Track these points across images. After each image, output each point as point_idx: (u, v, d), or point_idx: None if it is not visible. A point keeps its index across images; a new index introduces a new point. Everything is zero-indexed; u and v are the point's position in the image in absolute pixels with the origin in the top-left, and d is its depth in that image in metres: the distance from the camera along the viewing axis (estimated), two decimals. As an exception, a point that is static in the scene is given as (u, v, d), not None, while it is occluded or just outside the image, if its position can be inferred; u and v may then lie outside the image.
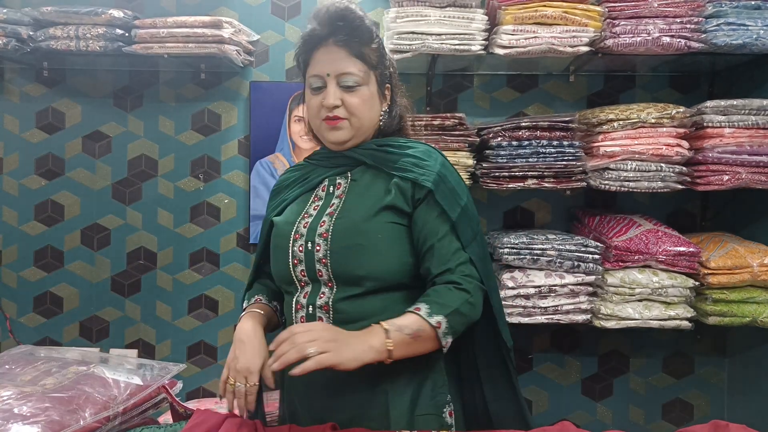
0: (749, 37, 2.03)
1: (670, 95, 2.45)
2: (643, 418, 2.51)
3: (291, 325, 1.22)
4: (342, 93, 1.23)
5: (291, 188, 1.37)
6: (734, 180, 2.06)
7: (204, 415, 1.11)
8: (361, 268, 1.19)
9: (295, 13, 2.50)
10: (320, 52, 1.25)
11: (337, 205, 1.25)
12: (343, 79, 1.23)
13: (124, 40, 2.23)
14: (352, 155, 1.30)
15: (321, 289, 1.22)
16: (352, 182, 1.29)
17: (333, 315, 1.20)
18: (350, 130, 1.26)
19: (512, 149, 2.13)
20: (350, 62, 1.23)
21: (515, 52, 2.08)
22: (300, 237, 1.24)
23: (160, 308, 2.55)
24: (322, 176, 1.33)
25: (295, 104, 2.47)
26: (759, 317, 2.07)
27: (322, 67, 1.24)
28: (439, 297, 1.16)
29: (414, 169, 1.23)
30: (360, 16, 1.25)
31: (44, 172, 2.55)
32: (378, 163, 1.27)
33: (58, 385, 1.09)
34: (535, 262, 2.11)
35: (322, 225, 1.23)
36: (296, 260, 1.24)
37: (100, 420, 1.04)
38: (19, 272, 2.56)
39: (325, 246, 1.20)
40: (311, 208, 1.29)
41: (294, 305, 1.25)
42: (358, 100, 1.24)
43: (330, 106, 1.23)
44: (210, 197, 2.54)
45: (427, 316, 1.12)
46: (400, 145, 1.29)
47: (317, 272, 1.21)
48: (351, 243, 1.19)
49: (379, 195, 1.24)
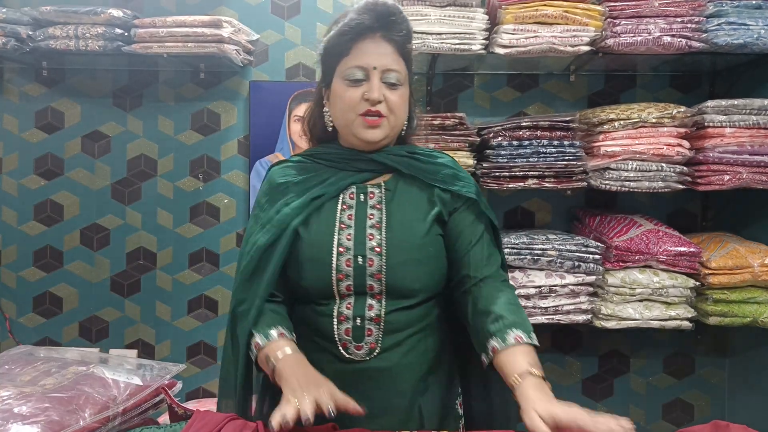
0: (750, 36, 2.03)
1: (671, 95, 2.45)
2: (644, 419, 2.51)
3: (322, 337, 1.19)
4: (384, 90, 1.18)
5: (300, 187, 1.25)
6: (735, 180, 2.06)
7: (204, 416, 1.10)
8: (418, 281, 1.19)
9: (295, 12, 2.50)
10: (366, 44, 1.18)
11: (379, 217, 1.21)
12: (387, 76, 1.18)
13: (123, 39, 2.22)
14: (383, 161, 1.24)
15: (368, 301, 1.19)
16: (387, 192, 1.24)
17: (384, 326, 1.18)
18: (386, 129, 1.21)
19: (513, 149, 2.13)
20: (396, 60, 1.20)
21: (516, 51, 2.07)
22: (346, 251, 1.18)
23: (160, 308, 2.54)
24: (345, 181, 1.24)
25: (295, 104, 2.46)
26: (760, 317, 2.07)
27: (368, 59, 1.18)
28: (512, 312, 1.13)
29: (456, 182, 1.24)
30: (406, 17, 1.21)
31: (43, 172, 2.54)
32: (415, 172, 1.24)
33: (57, 386, 1.09)
34: (535, 262, 2.10)
35: (371, 238, 1.18)
36: (342, 275, 1.18)
37: (100, 420, 1.04)
38: (19, 272, 2.55)
39: (380, 261, 1.17)
40: (345, 217, 1.21)
41: (336, 317, 1.19)
42: (399, 99, 1.20)
43: (375, 100, 1.17)
44: (209, 197, 2.53)
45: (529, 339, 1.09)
46: (428, 154, 1.28)
47: (368, 286, 1.18)
48: (408, 258, 1.18)
49: (423, 206, 1.23)
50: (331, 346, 1.19)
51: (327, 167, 1.27)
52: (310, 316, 1.23)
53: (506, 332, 1.08)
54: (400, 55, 1.21)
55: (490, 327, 1.11)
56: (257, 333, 1.14)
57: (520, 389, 1.00)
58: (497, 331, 1.09)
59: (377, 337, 1.18)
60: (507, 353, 1.06)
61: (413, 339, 1.21)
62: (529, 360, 1.04)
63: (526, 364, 1.03)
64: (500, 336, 1.08)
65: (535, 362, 1.05)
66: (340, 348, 1.19)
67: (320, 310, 1.21)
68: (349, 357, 1.18)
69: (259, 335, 1.14)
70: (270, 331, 1.14)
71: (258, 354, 1.13)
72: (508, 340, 1.07)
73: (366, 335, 1.18)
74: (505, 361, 1.06)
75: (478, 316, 1.15)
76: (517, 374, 1.02)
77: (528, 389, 0.99)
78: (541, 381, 1.01)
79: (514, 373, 1.03)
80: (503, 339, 1.07)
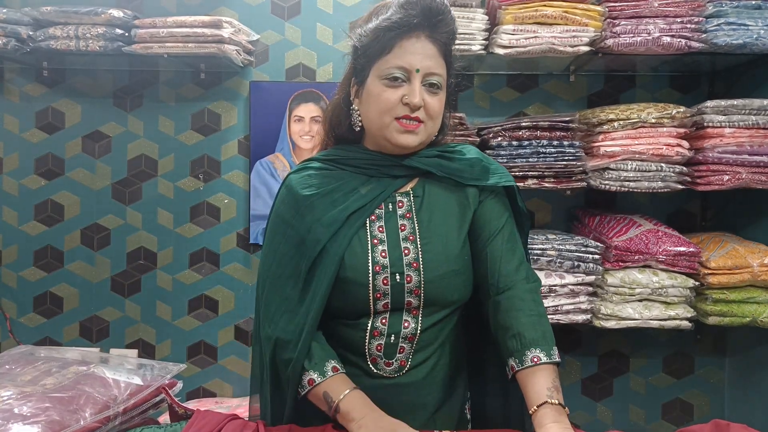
0: (750, 36, 2.03)
1: (671, 95, 2.45)
2: (644, 418, 2.51)
3: (350, 351, 1.16)
4: (425, 93, 1.11)
5: (329, 198, 1.16)
6: (734, 180, 2.06)
7: (205, 416, 1.11)
8: (456, 293, 1.15)
9: (295, 12, 2.50)
10: (411, 43, 1.09)
11: (411, 228, 1.15)
12: (429, 79, 1.11)
13: (123, 39, 2.22)
14: (414, 164, 1.17)
15: (404, 316, 1.14)
16: (415, 199, 1.17)
17: (416, 344, 1.15)
18: (423, 136, 1.13)
19: (512, 149, 2.13)
20: (440, 62, 1.12)
21: (515, 51, 2.08)
22: (382, 269, 1.12)
23: (160, 308, 2.55)
24: (375, 191, 1.16)
25: (295, 104, 2.46)
26: (759, 317, 2.07)
27: (411, 60, 1.09)
28: (532, 327, 1.09)
29: (490, 176, 1.19)
30: (453, 16, 1.14)
31: (44, 172, 2.55)
32: (449, 173, 1.17)
33: (58, 385, 1.09)
34: (535, 262, 2.10)
35: (406, 253, 1.13)
36: (379, 293, 1.12)
37: (101, 420, 1.04)
38: (19, 272, 2.56)
39: (417, 277, 1.12)
40: (376, 230, 1.15)
41: (368, 332, 1.14)
42: (438, 104, 1.13)
43: (416, 105, 1.09)
44: (210, 197, 2.54)
45: (549, 357, 1.06)
46: (457, 151, 1.22)
47: (406, 303, 1.13)
48: (446, 271, 1.13)
49: (454, 212, 1.17)
50: (360, 361, 1.16)
51: (352, 173, 1.19)
52: (339, 329, 1.17)
53: (524, 353, 1.06)
54: (443, 58, 1.13)
55: (509, 344, 1.09)
56: (311, 370, 1.10)
57: (536, 418, 1.00)
58: (515, 351, 1.07)
59: (408, 354, 1.15)
60: (525, 374, 1.05)
61: (440, 352, 1.18)
62: (548, 384, 1.02)
63: (545, 391, 1.01)
64: (518, 357, 1.07)
65: (554, 385, 1.03)
66: (369, 363, 1.16)
67: (352, 323, 1.16)
68: (377, 373, 1.16)
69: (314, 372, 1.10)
70: (325, 367, 1.10)
71: (312, 389, 1.10)
72: (525, 361, 1.06)
73: (398, 352, 1.15)
74: (524, 384, 1.05)
75: (498, 330, 1.13)
76: (535, 405, 1.01)
77: (544, 418, 0.98)
78: (558, 409, 0.99)
79: (531, 402, 1.02)
80: (521, 360, 1.06)
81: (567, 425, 0.98)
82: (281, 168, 2.47)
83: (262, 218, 2.47)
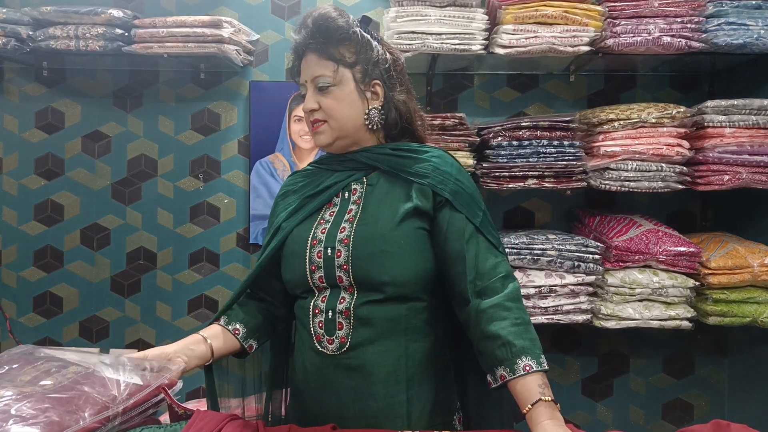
0: (750, 36, 2.03)
1: (671, 95, 2.45)
2: (644, 419, 2.51)
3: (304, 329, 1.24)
4: (318, 96, 1.24)
5: (299, 193, 1.33)
6: (735, 180, 2.06)
7: (204, 416, 1.11)
8: (385, 274, 1.17)
9: (295, 12, 2.50)
10: (305, 62, 1.27)
11: (355, 211, 1.23)
12: (317, 83, 1.24)
13: (123, 39, 2.22)
14: (365, 160, 1.28)
15: (341, 294, 1.20)
16: (368, 187, 1.26)
17: (353, 320, 1.18)
18: (331, 133, 1.26)
19: (512, 149, 2.13)
20: (320, 65, 1.23)
21: (515, 51, 2.08)
22: (318, 243, 1.22)
23: (160, 308, 2.54)
24: (333, 181, 1.29)
25: (295, 104, 2.46)
26: (759, 317, 2.07)
27: (302, 76, 1.27)
28: (520, 335, 1.09)
29: (433, 175, 1.22)
30: (332, 17, 1.23)
31: (44, 171, 2.55)
32: (394, 168, 1.25)
33: (57, 386, 1.09)
34: (535, 262, 2.10)
35: (342, 231, 1.21)
36: (314, 266, 1.21)
37: (100, 420, 1.04)
38: (19, 272, 2.56)
39: (347, 252, 1.18)
40: (327, 214, 1.26)
41: (311, 309, 1.22)
42: (331, 101, 1.24)
43: (306, 109, 1.25)
44: (210, 197, 2.54)
45: (539, 366, 1.07)
46: (414, 150, 1.27)
47: (337, 278, 1.20)
48: (375, 250, 1.18)
49: (399, 200, 1.22)
50: (309, 339, 1.23)
51: (325, 171, 1.33)
52: (297, 310, 1.29)
53: (515, 362, 1.07)
54: (327, 58, 1.23)
55: (498, 353, 1.09)
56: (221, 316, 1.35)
57: (532, 417, 1.03)
58: (505, 360, 1.08)
59: (348, 331, 1.18)
60: (517, 382, 1.07)
61: (390, 340, 1.19)
62: (538, 382, 1.06)
63: (537, 389, 1.05)
64: (509, 366, 1.07)
65: (544, 382, 1.06)
66: (314, 341, 1.21)
67: (301, 303, 1.26)
68: (321, 350, 1.21)
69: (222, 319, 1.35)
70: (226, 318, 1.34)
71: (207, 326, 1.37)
72: (517, 370, 1.06)
73: (337, 329, 1.19)
74: (516, 390, 1.07)
75: (483, 340, 1.12)
76: (530, 403, 1.04)
77: (540, 416, 1.02)
78: (552, 406, 1.04)
79: (524, 401, 1.05)
80: (512, 370, 1.07)
81: (561, 421, 1.02)
82: (281, 168, 2.47)
83: (262, 218, 2.47)
